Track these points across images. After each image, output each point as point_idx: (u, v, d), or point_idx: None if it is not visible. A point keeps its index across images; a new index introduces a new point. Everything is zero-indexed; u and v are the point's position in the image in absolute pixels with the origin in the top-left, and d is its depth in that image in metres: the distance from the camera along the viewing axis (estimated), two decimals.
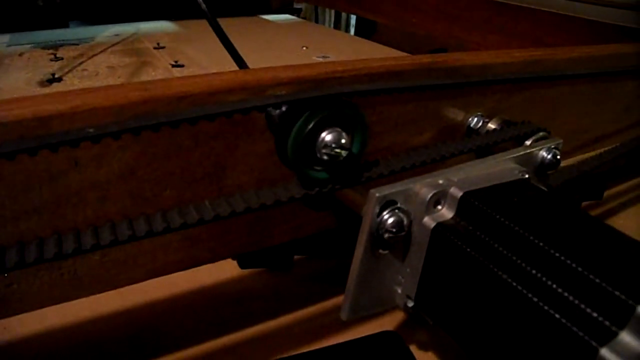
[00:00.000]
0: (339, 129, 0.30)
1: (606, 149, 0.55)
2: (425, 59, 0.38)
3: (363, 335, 0.42)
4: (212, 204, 0.28)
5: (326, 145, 0.30)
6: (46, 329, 0.43)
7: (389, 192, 0.30)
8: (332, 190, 0.32)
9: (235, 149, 0.33)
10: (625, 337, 0.22)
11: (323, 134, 0.30)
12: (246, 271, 0.51)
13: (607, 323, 0.23)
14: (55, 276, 0.31)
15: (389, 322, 0.45)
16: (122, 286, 0.34)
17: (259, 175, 0.34)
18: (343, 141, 0.30)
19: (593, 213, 0.68)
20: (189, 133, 0.31)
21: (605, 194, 0.70)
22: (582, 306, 0.24)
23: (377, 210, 0.30)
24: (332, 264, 0.53)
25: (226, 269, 0.51)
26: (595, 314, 0.23)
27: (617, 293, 0.23)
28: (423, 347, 0.43)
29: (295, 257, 0.53)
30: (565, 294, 0.24)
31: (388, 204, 0.30)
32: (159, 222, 0.27)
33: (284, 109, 0.29)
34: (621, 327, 0.22)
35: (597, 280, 0.24)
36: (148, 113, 0.27)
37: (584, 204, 0.68)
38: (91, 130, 0.23)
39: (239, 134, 0.32)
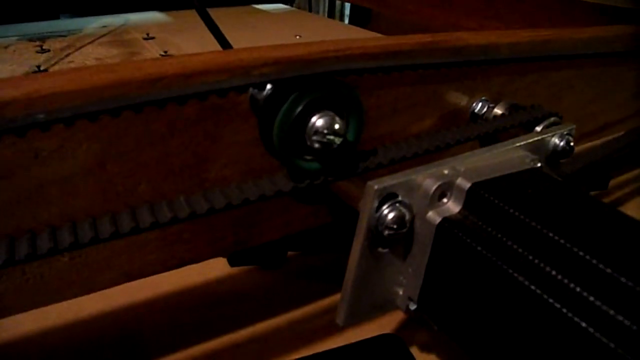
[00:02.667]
0: (332, 113, 0.26)
1: (614, 136, 0.52)
2: (425, 38, 0.35)
3: (362, 337, 0.40)
4: (187, 201, 0.25)
5: (317, 131, 0.26)
6: (24, 333, 0.41)
7: (388, 184, 0.27)
8: (325, 182, 0.29)
9: (217, 137, 0.29)
10: None
11: (314, 119, 0.26)
12: (236, 269, 0.49)
13: None
14: (20, 282, 0.28)
15: (388, 323, 0.42)
16: (96, 290, 0.31)
17: (245, 166, 0.31)
18: (337, 127, 0.26)
19: None
20: (164, 120, 0.27)
21: (610, 183, 0.68)
22: (612, 313, 0.21)
23: (375, 204, 0.26)
24: (328, 260, 0.50)
25: (215, 267, 0.49)
26: (628, 322, 0.20)
27: None
28: (425, 349, 0.40)
29: (289, 253, 0.51)
30: (592, 299, 0.21)
31: (388, 197, 0.27)
32: (126, 221, 0.24)
33: (268, 90, 0.26)
34: None
35: (630, 284, 0.21)
36: (115, 97, 0.23)
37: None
38: (42, 116, 0.19)
39: (221, 120, 0.29)
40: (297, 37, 1.18)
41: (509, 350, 0.25)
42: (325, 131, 0.26)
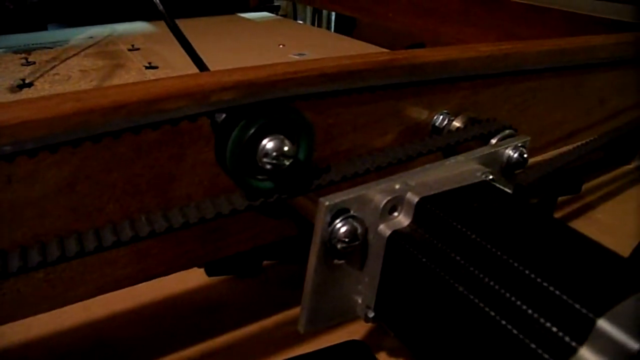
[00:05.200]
0: (281, 136, 0.28)
1: (581, 142, 0.54)
2: (383, 56, 0.36)
3: (332, 344, 0.41)
4: (148, 220, 0.27)
5: (267, 154, 0.28)
6: (5, 345, 0.41)
7: (340, 200, 0.28)
8: (279, 200, 0.31)
9: (181, 158, 0.31)
10: (586, 353, 0.21)
11: (264, 142, 0.28)
12: (213, 279, 0.50)
13: (566, 338, 0.21)
14: None
15: (358, 330, 0.43)
16: (71, 303, 0.33)
17: (209, 185, 0.33)
18: (286, 149, 0.28)
19: (571, 208, 0.67)
20: (130, 144, 0.29)
21: (584, 187, 0.69)
22: (541, 320, 0.22)
23: (328, 219, 0.28)
24: (302, 269, 0.52)
25: (192, 277, 0.50)
26: (554, 329, 0.22)
27: (576, 305, 0.22)
28: (392, 355, 0.41)
29: (264, 262, 0.52)
30: (524, 307, 0.23)
31: (340, 212, 0.28)
32: (90, 240, 0.25)
33: (223, 117, 0.28)
34: (581, 343, 0.21)
35: (557, 292, 0.23)
36: (80, 125, 0.25)
37: (562, 198, 0.67)
38: (7, 148, 0.21)
39: (184, 142, 0.31)
40: (281, 46, 1.19)
41: (453, 357, 0.27)
42: (275, 154, 0.28)
